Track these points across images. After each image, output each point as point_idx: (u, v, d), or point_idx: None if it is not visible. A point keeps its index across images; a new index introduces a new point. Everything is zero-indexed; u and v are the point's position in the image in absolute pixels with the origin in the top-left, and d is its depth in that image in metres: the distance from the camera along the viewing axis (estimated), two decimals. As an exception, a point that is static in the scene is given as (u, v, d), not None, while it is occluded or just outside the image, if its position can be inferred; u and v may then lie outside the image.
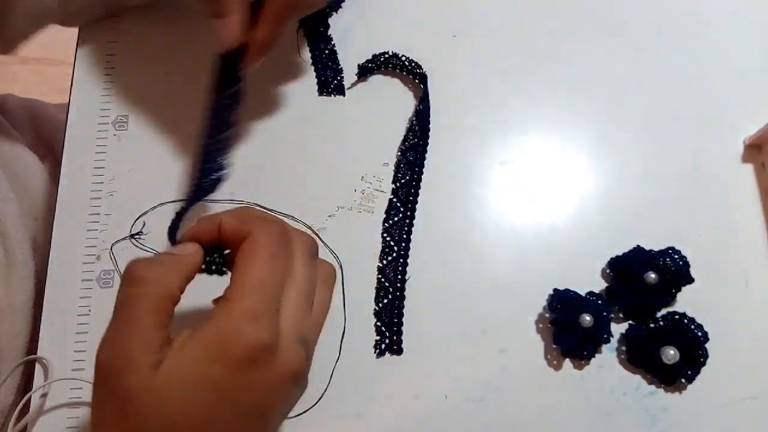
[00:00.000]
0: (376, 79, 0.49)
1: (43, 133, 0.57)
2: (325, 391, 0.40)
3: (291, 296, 0.30)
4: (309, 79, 0.48)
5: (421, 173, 0.46)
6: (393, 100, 0.48)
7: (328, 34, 0.49)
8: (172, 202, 0.44)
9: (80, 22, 0.48)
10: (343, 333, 0.42)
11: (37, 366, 0.41)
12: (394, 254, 0.44)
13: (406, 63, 0.48)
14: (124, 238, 0.43)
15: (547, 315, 0.43)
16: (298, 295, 0.30)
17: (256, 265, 0.29)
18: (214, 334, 0.28)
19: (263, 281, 0.29)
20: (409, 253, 0.44)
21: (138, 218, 0.44)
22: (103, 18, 0.48)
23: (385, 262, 0.44)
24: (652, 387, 0.42)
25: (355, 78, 0.48)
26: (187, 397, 0.27)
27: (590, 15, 0.51)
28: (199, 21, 0.49)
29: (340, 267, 0.43)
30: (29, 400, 0.40)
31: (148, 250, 0.43)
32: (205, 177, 0.40)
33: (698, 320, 0.41)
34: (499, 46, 0.50)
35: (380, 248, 0.44)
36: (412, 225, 0.45)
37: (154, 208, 0.44)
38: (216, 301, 0.30)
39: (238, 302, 0.28)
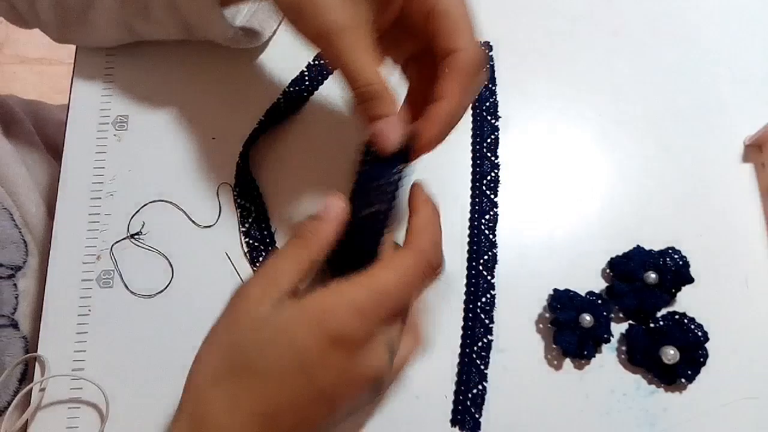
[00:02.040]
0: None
1: (45, 133, 0.57)
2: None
3: (399, 321, 0.32)
4: (309, 79, 0.48)
5: None
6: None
7: None
8: (166, 201, 0.44)
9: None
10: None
11: (37, 365, 0.41)
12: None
13: None
14: (124, 238, 0.43)
15: (548, 315, 0.43)
16: (398, 319, 0.32)
17: (394, 274, 0.30)
18: (320, 304, 0.29)
19: (389, 293, 0.30)
20: None
21: (132, 217, 0.44)
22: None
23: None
24: (652, 387, 0.42)
25: None
26: (275, 343, 0.29)
27: (590, 15, 0.51)
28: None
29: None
30: (29, 400, 0.40)
31: (149, 249, 0.43)
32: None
33: (698, 320, 0.41)
34: (499, 46, 0.50)
35: None
36: None
37: (144, 206, 0.44)
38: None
39: (353, 290, 0.29)
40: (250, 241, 0.43)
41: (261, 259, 0.43)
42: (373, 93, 0.32)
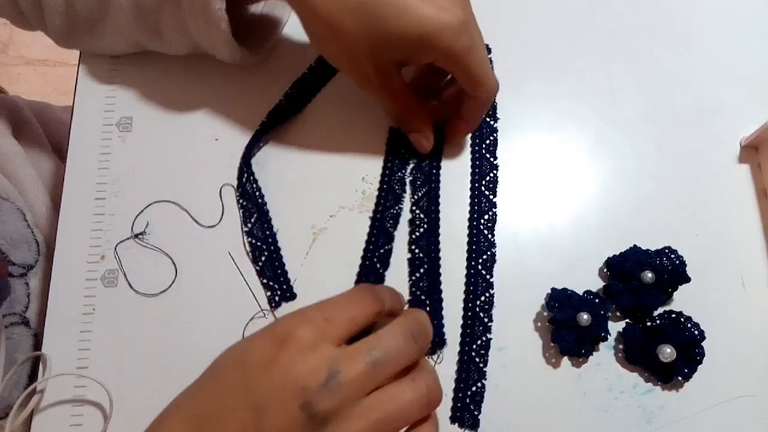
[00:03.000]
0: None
1: (49, 134, 0.57)
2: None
3: (356, 343, 0.31)
4: (310, 81, 0.49)
5: (439, 182, 0.46)
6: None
7: None
8: (170, 202, 0.45)
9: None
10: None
11: (41, 364, 0.41)
12: (425, 268, 0.44)
13: None
14: (128, 238, 0.44)
15: (546, 314, 0.43)
16: (359, 346, 0.31)
17: (342, 294, 0.32)
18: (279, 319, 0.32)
19: (331, 302, 0.32)
20: (440, 263, 0.44)
21: (136, 217, 0.44)
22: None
23: (416, 276, 0.44)
24: (649, 385, 0.42)
25: None
26: (232, 348, 0.31)
27: (588, 16, 0.52)
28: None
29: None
30: (32, 397, 0.40)
31: (152, 248, 0.44)
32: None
33: (695, 319, 0.42)
34: (498, 47, 0.50)
35: (407, 266, 0.44)
36: (438, 236, 0.45)
37: (148, 206, 0.45)
38: None
39: (310, 305, 0.32)
40: (253, 241, 0.44)
41: (263, 258, 0.44)
42: (408, 115, 0.44)
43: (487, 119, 0.48)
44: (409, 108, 0.44)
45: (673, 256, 0.43)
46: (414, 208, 0.45)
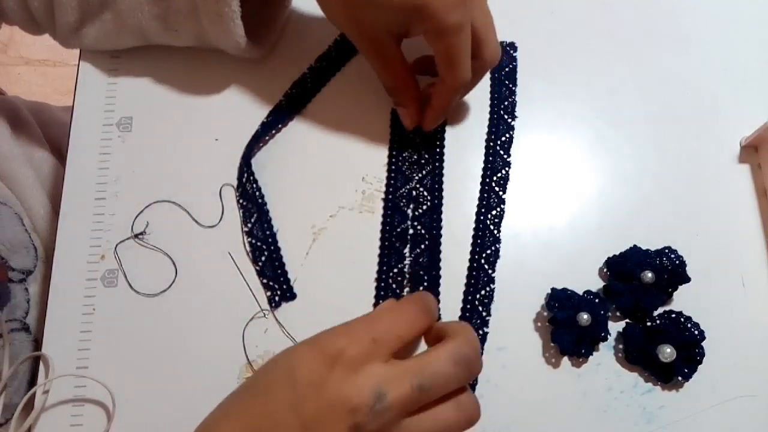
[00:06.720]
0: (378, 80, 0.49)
1: (49, 135, 0.57)
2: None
3: (405, 362, 0.31)
4: (310, 81, 0.49)
5: (443, 161, 0.47)
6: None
7: None
8: (170, 202, 0.45)
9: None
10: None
11: (42, 364, 0.41)
12: (426, 244, 0.44)
13: None
14: (128, 238, 0.44)
15: (545, 313, 0.43)
16: (408, 366, 0.31)
17: (388, 307, 0.33)
18: (323, 332, 0.32)
19: (380, 319, 0.32)
20: (441, 240, 0.45)
21: (136, 217, 0.44)
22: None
23: (417, 252, 0.44)
24: (649, 385, 0.42)
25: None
26: (276, 362, 0.32)
27: (587, 17, 0.52)
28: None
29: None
30: (34, 397, 0.40)
31: (152, 248, 0.44)
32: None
33: (695, 319, 0.42)
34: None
35: (409, 241, 0.45)
36: (441, 214, 0.45)
37: (148, 206, 0.45)
38: None
39: (352, 321, 0.32)
40: (253, 241, 0.44)
41: (263, 258, 0.44)
42: (396, 88, 0.44)
43: (505, 116, 0.48)
44: (399, 81, 0.43)
45: (673, 256, 0.43)
46: (418, 186, 0.46)
